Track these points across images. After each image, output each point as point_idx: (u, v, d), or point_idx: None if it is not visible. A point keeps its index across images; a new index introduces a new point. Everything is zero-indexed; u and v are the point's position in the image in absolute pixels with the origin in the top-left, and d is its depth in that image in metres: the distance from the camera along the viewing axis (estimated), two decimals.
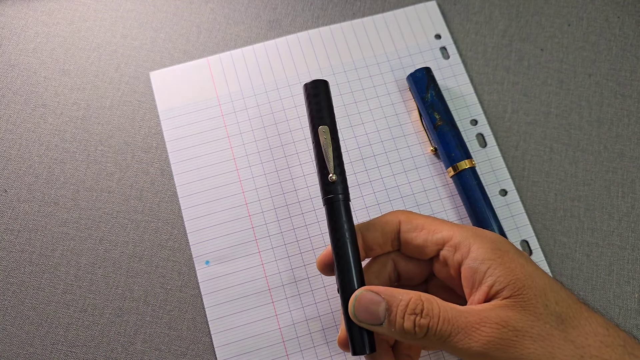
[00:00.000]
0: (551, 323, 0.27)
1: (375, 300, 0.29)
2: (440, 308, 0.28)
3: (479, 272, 0.29)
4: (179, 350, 0.37)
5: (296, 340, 0.37)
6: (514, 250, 0.30)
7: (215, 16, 0.45)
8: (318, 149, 0.33)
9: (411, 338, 0.28)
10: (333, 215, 0.32)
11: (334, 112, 0.34)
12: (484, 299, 0.28)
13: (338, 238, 0.32)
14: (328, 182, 0.32)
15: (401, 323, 0.28)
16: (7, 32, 0.44)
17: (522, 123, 0.43)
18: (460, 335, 0.27)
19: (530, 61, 0.45)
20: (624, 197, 0.41)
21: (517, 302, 0.27)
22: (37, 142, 0.41)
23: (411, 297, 0.28)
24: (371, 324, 0.29)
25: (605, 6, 0.47)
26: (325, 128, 0.33)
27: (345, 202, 0.32)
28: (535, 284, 0.28)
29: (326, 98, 0.34)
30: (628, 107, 0.44)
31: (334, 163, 0.32)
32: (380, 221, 0.33)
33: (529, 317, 0.27)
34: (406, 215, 0.33)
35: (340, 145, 0.33)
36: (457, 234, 0.31)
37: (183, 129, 0.42)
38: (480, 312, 0.27)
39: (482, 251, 0.29)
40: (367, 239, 0.33)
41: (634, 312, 0.38)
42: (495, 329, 0.26)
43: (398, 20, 0.46)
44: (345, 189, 0.32)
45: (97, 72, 0.43)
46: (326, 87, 0.34)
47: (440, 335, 0.27)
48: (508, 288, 0.27)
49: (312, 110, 0.34)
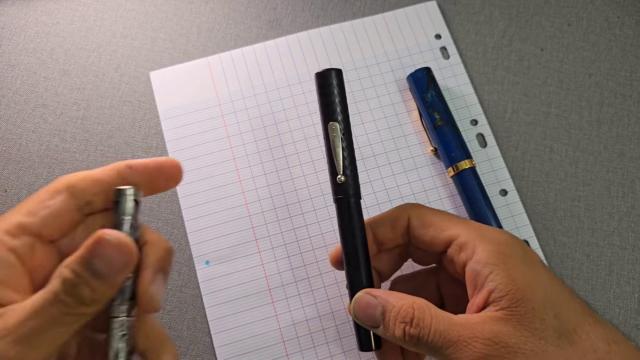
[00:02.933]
0: (547, 338, 0.26)
1: (372, 304, 0.29)
2: (433, 319, 0.28)
3: (481, 276, 0.28)
4: (179, 350, 0.37)
5: (296, 340, 0.37)
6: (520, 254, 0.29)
7: (215, 16, 0.45)
8: (328, 146, 0.31)
9: (404, 345, 0.28)
10: (342, 215, 0.32)
11: (347, 105, 0.32)
12: (483, 303, 0.28)
13: (347, 238, 0.32)
14: (337, 182, 0.31)
15: (393, 329, 0.28)
16: (7, 32, 0.44)
17: (522, 123, 0.43)
18: (452, 348, 0.27)
19: (531, 61, 0.45)
20: (624, 197, 0.41)
21: (513, 314, 0.27)
22: (37, 142, 0.41)
23: (403, 304, 0.28)
24: (370, 326, 0.30)
25: (605, 6, 0.47)
26: (335, 124, 0.31)
27: (356, 202, 0.32)
28: (536, 295, 0.27)
29: (338, 90, 0.31)
30: (628, 107, 0.44)
31: (344, 163, 0.31)
32: (390, 216, 0.33)
33: (523, 332, 0.26)
34: (416, 209, 0.33)
35: (352, 141, 0.32)
36: (464, 233, 0.30)
37: (183, 129, 0.42)
38: (474, 326, 0.27)
39: (486, 254, 0.29)
40: (378, 234, 0.33)
41: (634, 312, 0.38)
42: (487, 345, 0.26)
43: (398, 20, 0.46)
44: (357, 187, 0.32)
45: (97, 72, 0.43)
46: (339, 77, 0.31)
47: (432, 346, 0.27)
48: (507, 298, 0.27)
49: (322, 103, 0.32)
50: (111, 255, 0.24)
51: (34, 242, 0.25)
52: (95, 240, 0.23)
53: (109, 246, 0.24)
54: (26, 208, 0.25)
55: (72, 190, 0.26)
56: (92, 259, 0.23)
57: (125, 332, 0.25)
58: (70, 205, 0.26)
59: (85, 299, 0.23)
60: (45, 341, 0.23)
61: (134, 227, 0.25)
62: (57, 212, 0.25)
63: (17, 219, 0.25)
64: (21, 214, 0.25)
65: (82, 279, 0.23)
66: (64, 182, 0.26)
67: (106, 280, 0.24)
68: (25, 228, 0.25)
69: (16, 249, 0.24)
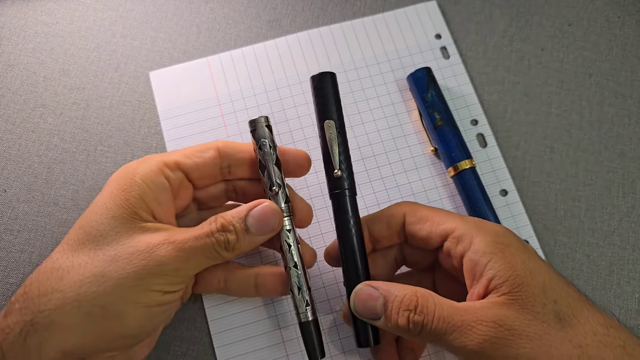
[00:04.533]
0: (549, 322, 0.26)
1: (373, 295, 0.29)
2: (436, 305, 0.28)
3: (479, 265, 0.29)
4: (179, 350, 0.37)
5: (296, 340, 0.37)
6: (517, 244, 0.30)
7: (215, 16, 0.45)
8: (324, 143, 0.33)
9: (407, 334, 0.28)
10: (339, 210, 0.32)
11: (341, 105, 0.34)
12: (483, 292, 0.28)
13: (344, 233, 0.32)
14: (333, 177, 0.32)
15: (396, 319, 0.28)
16: (6, 31, 0.44)
17: (523, 123, 0.43)
18: (456, 333, 0.27)
19: (531, 61, 0.45)
20: (624, 197, 0.41)
21: (515, 299, 0.27)
22: (37, 142, 0.41)
23: (406, 294, 0.29)
24: (370, 319, 0.30)
25: (606, 6, 0.47)
26: (331, 122, 0.32)
27: (351, 197, 0.32)
28: (535, 281, 0.27)
29: (333, 91, 0.33)
30: (629, 107, 0.44)
31: (340, 158, 0.32)
32: (385, 214, 0.33)
33: (526, 316, 0.27)
34: (411, 206, 0.33)
35: (347, 139, 0.33)
36: (460, 226, 0.31)
37: (183, 129, 0.42)
38: (477, 311, 0.27)
39: (484, 244, 0.29)
40: (373, 231, 0.33)
41: (635, 313, 0.38)
42: (491, 328, 0.26)
43: (398, 20, 0.45)
44: (352, 183, 0.32)
45: (97, 72, 0.43)
46: (333, 80, 0.34)
47: (436, 332, 0.27)
48: (507, 284, 0.27)
49: (318, 103, 0.33)
50: (263, 219, 0.31)
51: (182, 179, 0.32)
52: (255, 203, 0.31)
53: (263, 210, 0.31)
54: (184, 152, 0.33)
55: (221, 151, 0.33)
56: (248, 217, 0.30)
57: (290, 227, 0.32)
58: (216, 162, 0.33)
59: (229, 245, 0.30)
60: (193, 261, 0.30)
61: (271, 147, 0.33)
62: (206, 163, 0.32)
63: (175, 157, 0.32)
64: (179, 154, 0.32)
65: (234, 228, 0.30)
66: (217, 143, 0.33)
67: (251, 237, 0.30)
68: (180, 166, 0.32)
69: (170, 179, 0.31)
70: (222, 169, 0.33)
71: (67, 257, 0.29)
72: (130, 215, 0.29)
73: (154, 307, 0.29)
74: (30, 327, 0.27)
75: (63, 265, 0.28)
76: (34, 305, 0.27)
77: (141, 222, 0.30)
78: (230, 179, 0.35)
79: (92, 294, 0.27)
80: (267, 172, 0.32)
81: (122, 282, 0.27)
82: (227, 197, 0.35)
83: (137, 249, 0.28)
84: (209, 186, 0.34)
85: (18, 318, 0.27)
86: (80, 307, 0.27)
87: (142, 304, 0.28)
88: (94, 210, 0.30)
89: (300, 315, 0.32)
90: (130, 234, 0.29)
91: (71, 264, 0.28)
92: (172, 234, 0.29)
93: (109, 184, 0.31)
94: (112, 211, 0.29)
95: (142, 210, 0.30)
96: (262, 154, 0.33)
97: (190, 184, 0.33)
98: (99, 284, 0.27)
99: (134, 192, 0.30)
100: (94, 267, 0.28)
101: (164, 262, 0.28)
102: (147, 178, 0.30)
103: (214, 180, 0.34)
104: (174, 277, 0.29)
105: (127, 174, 0.31)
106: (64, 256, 0.29)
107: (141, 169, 0.31)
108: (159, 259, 0.28)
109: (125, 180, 0.30)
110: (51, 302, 0.27)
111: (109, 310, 0.27)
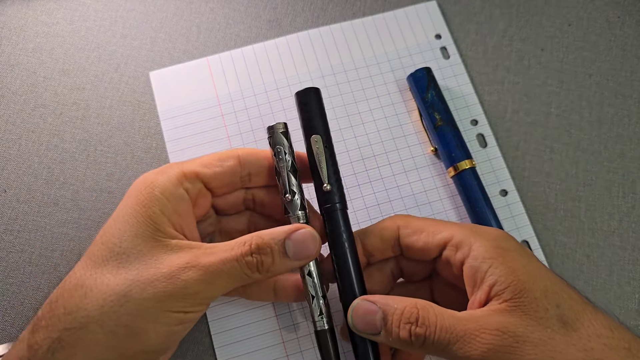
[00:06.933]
0: (552, 327, 0.26)
1: (371, 310, 0.29)
2: (437, 316, 0.27)
3: (480, 271, 0.28)
4: (179, 350, 0.37)
5: (296, 341, 0.37)
6: (516, 248, 0.29)
7: (215, 16, 0.45)
8: (311, 158, 0.33)
9: (409, 347, 0.28)
10: (331, 225, 0.32)
11: (327, 119, 0.34)
12: (485, 298, 0.28)
13: (337, 247, 0.32)
14: (323, 191, 0.32)
15: (397, 332, 0.28)
16: (6, 31, 0.44)
17: (523, 123, 0.43)
18: (459, 343, 0.26)
19: (531, 61, 0.45)
20: (624, 198, 0.41)
21: (518, 305, 0.27)
22: (37, 142, 0.41)
23: (406, 306, 0.28)
24: (370, 334, 0.29)
25: (606, 6, 0.47)
26: (317, 137, 0.32)
27: (342, 211, 0.32)
28: (537, 286, 0.27)
29: (318, 106, 0.33)
30: (628, 107, 0.44)
31: (328, 172, 0.32)
32: (378, 227, 0.33)
33: (529, 322, 0.26)
34: (404, 219, 0.33)
35: (334, 153, 0.33)
36: (458, 233, 0.30)
37: (183, 129, 0.42)
38: (480, 319, 0.27)
39: (483, 250, 0.29)
40: (367, 245, 0.33)
41: (635, 313, 0.38)
42: (495, 336, 0.26)
43: (398, 20, 0.45)
44: (342, 197, 0.32)
45: (97, 72, 0.43)
46: (318, 95, 0.34)
47: (439, 344, 0.27)
48: (509, 290, 0.27)
49: (304, 119, 0.33)
50: (302, 245, 0.30)
51: (201, 188, 0.32)
52: (295, 227, 0.30)
53: (305, 236, 0.30)
54: (203, 161, 0.32)
55: (242, 160, 0.32)
56: (288, 240, 0.29)
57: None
58: (236, 171, 0.32)
59: (263, 267, 0.29)
60: (217, 285, 0.29)
61: (287, 154, 0.32)
62: (226, 172, 0.32)
63: (194, 167, 0.31)
64: (198, 164, 0.32)
65: (271, 250, 0.29)
66: (237, 151, 0.33)
67: (286, 261, 0.30)
68: (199, 176, 0.31)
69: (189, 191, 0.31)
70: (242, 177, 0.33)
71: (90, 273, 0.29)
72: (153, 233, 0.29)
73: (175, 326, 0.29)
74: (58, 344, 0.27)
75: (87, 283, 0.28)
76: (61, 323, 0.28)
77: (164, 239, 0.29)
78: (250, 187, 0.34)
79: (114, 313, 0.27)
80: (282, 179, 0.32)
81: (144, 303, 0.28)
82: (244, 204, 0.35)
83: (160, 271, 0.28)
84: (227, 194, 0.34)
85: (46, 335, 0.28)
86: (103, 326, 0.27)
87: (163, 323, 0.28)
88: (116, 226, 0.30)
89: (315, 324, 0.32)
90: (153, 254, 0.29)
91: (94, 282, 0.28)
92: (196, 256, 0.29)
93: (129, 196, 0.31)
94: (135, 228, 0.29)
95: (164, 225, 0.29)
96: (278, 160, 0.32)
97: (208, 192, 0.33)
98: (121, 304, 0.27)
99: (154, 208, 0.29)
100: (116, 285, 0.28)
101: (187, 287, 0.28)
102: (167, 191, 0.30)
103: (233, 188, 0.34)
104: (196, 299, 0.29)
105: (146, 187, 0.30)
106: (87, 272, 0.29)
107: (160, 182, 0.30)
108: (182, 284, 0.28)
109: (144, 195, 0.30)
110: (76, 321, 0.27)
111: (132, 329, 0.28)
